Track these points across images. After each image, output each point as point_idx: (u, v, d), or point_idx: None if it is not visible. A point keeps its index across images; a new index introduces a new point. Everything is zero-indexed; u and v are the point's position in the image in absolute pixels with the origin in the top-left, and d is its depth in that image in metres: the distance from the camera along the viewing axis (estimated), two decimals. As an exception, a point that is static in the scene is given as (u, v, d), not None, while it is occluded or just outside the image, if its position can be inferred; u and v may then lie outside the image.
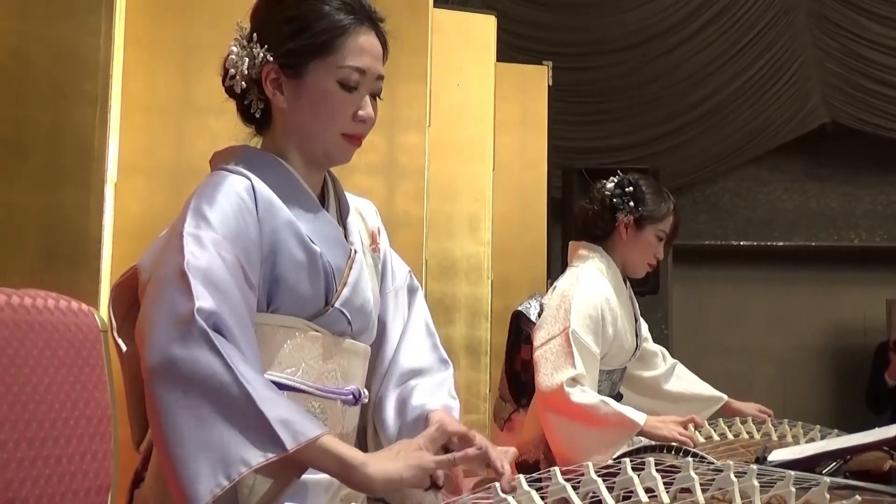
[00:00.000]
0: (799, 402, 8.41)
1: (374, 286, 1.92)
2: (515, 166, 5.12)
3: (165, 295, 1.56)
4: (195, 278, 1.55)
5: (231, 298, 1.58)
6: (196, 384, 1.49)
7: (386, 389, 1.94)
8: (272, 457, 1.46)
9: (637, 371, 3.42)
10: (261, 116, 1.82)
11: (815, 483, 1.72)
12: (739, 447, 2.79)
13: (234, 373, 1.49)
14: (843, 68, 8.05)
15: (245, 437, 1.47)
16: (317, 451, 1.51)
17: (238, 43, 1.79)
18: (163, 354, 1.51)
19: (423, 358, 1.98)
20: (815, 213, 8.52)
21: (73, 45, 2.47)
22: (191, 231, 1.62)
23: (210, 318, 1.53)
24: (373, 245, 1.96)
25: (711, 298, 8.73)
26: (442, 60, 3.73)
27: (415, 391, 1.91)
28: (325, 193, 1.89)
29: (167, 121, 2.87)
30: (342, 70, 1.76)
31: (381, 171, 3.35)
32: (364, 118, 1.80)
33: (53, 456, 1.71)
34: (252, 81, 1.78)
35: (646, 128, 7.98)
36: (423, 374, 1.95)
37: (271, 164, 1.79)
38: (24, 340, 1.71)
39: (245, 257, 1.65)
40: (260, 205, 1.71)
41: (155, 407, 1.50)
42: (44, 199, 2.46)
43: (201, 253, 1.59)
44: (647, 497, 1.60)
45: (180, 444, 1.46)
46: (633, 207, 3.19)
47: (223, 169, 1.76)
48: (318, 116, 1.78)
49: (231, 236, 1.64)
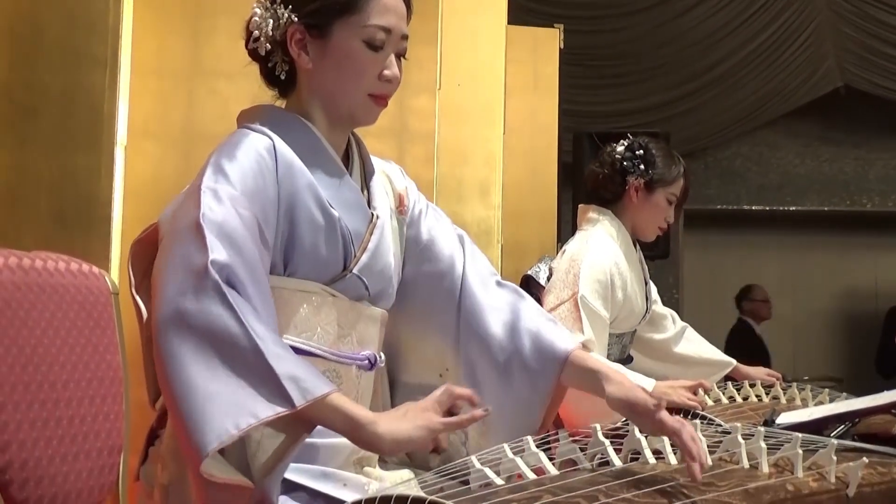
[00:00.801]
0: (810, 366, 8.43)
1: (396, 251, 1.91)
2: (526, 130, 5.10)
3: (180, 247, 1.57)
4: (210, 231, 1.55)
5: (246, 253, 1.57)
6: (207, 336, 1.49)
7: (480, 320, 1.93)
8: (281, 412, 1.46)
9: (647, 334, 3.42)
10: (285, 79, 1.81)
11: (822, 445, 1.73)
12: (748, 410, 2.79)
13: (245, 327, 1.49)
14: (858, 31, 7.98)
15: (255, 391, 1.46)
16: (326, 408, 1.51)
17: (261, 5, 1.78)
18: (174, 305, 1.51)
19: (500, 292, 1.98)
20: (827, 178, 8.49)
21: (83, 9, 2.47)
22: (209, 185, 1.62)
23: (223, 270, 1.53)
24: (400, 207, 1.95)
25: (723, 263, 8.73)
26: (453, 24, 3.71)
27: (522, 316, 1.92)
28: (350, 156, 1.88)
29: (177, 84, 2.86)
30: (367, 29, 1.75)
31: (391, 134, 3.34)
32: (390, 77, 1.78)
33: (66, 417, 1.74)
34: (276, 43, 1.77)
35: (658, 92, 7.95)
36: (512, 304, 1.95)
37: (295, 125, 1.79)
38: (36, 302, 1.72)
39: (262, 215, 1.65)
40: (280, 165, 1.71)
41: (164, 357, 1.50)
42: (55, 163, 2.46)
43: (218, 206, 1.59)
44: (654, 459, 1.61)
45: (189, 394, 1.46)
46: (644, 170, 3.18)
47: (247, 127, 1.76)
48: (344, 76, 1.77)
49: (249, 193, 1.64)
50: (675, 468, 1.57)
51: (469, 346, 1.92)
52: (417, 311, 1.97)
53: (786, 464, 1.68)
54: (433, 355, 1.96)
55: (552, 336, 1.90)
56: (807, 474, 1.67)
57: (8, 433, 1.60)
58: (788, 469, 1.67)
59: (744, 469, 1.63)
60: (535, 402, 1.88)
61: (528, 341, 1.90)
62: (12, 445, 1.61)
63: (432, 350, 1.96)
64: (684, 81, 7.97)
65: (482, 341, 1.92)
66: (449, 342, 1.94)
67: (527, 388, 1.88)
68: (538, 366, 1.88)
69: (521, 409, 1.86)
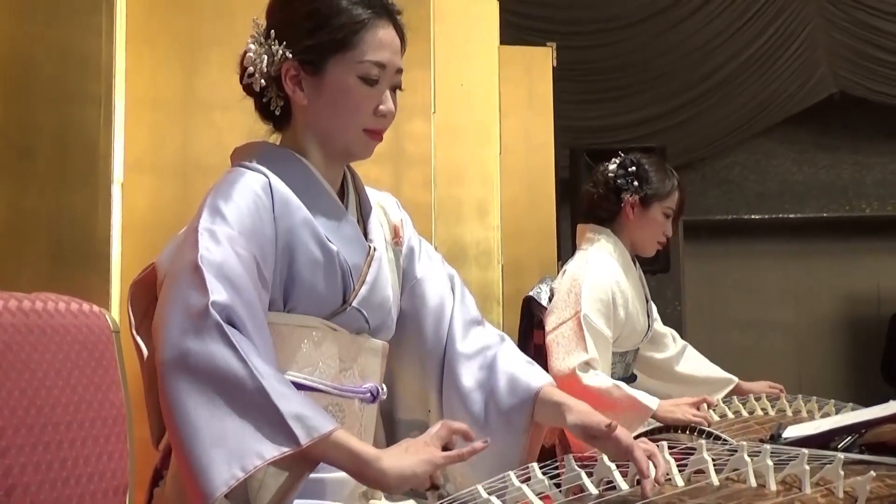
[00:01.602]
0: (814, 374, 8.41)
1: (393, 282, 1.91)
2: (522, 149, 5.11)
3: (180, 289, 1.57)
4: (209, 272, 1.55)
5: (245, 293, 1.58)
6: (210, 377, 1.49)
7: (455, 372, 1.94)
8: (286, 451, 1.46)
9: (648, 353, 3.42)
10: (280, 114, 1.81)
11: (829, 461, 1.73)
12: (754, 424, 2.79)
13: (248, 366, 1.49)
14: (850, 37, 7.99)
15: (259, 431, 1.46)
16: (330, 445, 1.51)
17: (255, 40, 1.78)
18: (177, 348, 1.51)
19: (481, 340, 1.99)
20: (825, 184, 8.49)
21: (76, 47, 2.47)
22: (206, 226, 1.62)
23: (224, 311, 1.53)
24: (395, 239, 1.96)
25: (724, 273, 8.71)
26: (445, 46, 3.72)
27: (498, 361, 1.93)
28: (345, 189, 1.89)
29: (172, 117, 2.87)
30: (362, 65, 1.76)
31: (387, 159, 3.35)
32: (385, 112, 1.80)
33: (70, 458, 1.73)
34: (271, 79, 1.78)
35: (653, 104, 7.95)
36: (492, 348, 1.97)
37: (290, 161, 1.79)
38: (37, 345, 1.72)
39: (260, 254, 1.65)
40: (277, 202, 1.71)
41: (169, 400, 1.50)
42: (52, 202, 2.46)
43: (216, 248, 1.59)
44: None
45: (194, 437, 1.46)
46: (638, 187, 3.20)
47: (242, 165, 1.76)
48: (340, 112, 1.78)
49: (246, 233, 1.65)
50: (683, 490, 1.57)
51: (450, 394, 1.93)
52: (405, 346, 1.97)
53: (793, 480, 1.67)
54: (420, 392, 1.97)
55: (526, 376, 1.92)
56: (815, 490, 1.66)
57: (12, 477, 1.59)
58: (796, 486, 1.66)
59: (751, 488, 1.62)
60: (513, 444, 1.88)
61: (503, 383, 1.91)
62: (17, 489, 1.59)
63: (418, 386, 1.97)
64: (679, 93, 7.98)
65: (459, 393, 1.92)
66: (433, 384, 1.96)
67: (503, 432, 1.88)
68: (512, 407, 1.89)
69: (501, 452, 1.85)
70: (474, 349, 1.95)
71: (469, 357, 1.94)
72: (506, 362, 1.94)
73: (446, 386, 1.93)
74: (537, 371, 1.95)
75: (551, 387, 1.91)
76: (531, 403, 1.88)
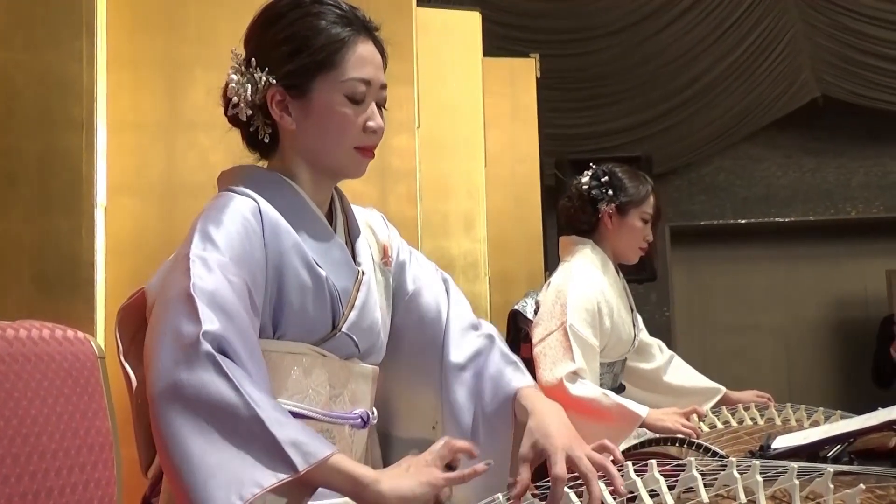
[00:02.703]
0: (803, 378, 8.44)
1: (382, 304, 1.90)
2: (507, 160, 5.12)
3: (171, 318, 1.55)
4: (201, 301, 1.54)
5: (237, 321, 1.56)
6: (204, 408, 1.48)
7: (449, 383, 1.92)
8: (284, 478, 1.45)
9: (635, 363, 3.43)
10: (269, 141, 1.80)
11: (819, 474, 1.73)
12: (744, 434, 2.79)
13: (242, 395, 1.48)
14: (832, 42, 8.03)
15: (256, 459, 1.45)
16: (328, 470, 1.51)
17: (236, 70, 1.77)
18: (169, 379, 1.49)
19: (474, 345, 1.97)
20: (811, 188, 8.51)
21: (57, 72, 2.47)
22: (197, 253, 1.61)
23: (216, 340, 1.51)
24: (384, 259, 1.95)
25: (712, 278, 8.73)
26: (428, 59, 3.72)
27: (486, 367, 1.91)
28: (333, 212, 1.88)
29: (156, 138, 2.86)
30: (347, 83, 1.75)
31: (372, 175, 3.31)
32: (374, 128, 1.79)
33: (56, 487, 1.72)
34: (256, 107, 1.77)
35: (638, 111, 7.97)
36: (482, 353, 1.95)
37: (279, 185, 1.78)
38: (21, 373, 1.71)
39: (251, 280, 1.64)
40: (266, 228, 1.70)
41: (163, 432, 1.48)
42: (36, 228, 2.45)
43: (208, 275, 1.58)
44: (651, 500, 1.60)
45: (191, 469, 1.45)
46: (613, 195, 3.22)
47: (230, 190, 1.75)
48: (329, 133, 1.77)
49: (237, 259, 1.63)
50: (672, 508, 1.56)
51: (445, 408, 1.92)
52: (405, 362, 1.96)
53: (783, 495, 1.67)
54: (424, 407, 1.95)
55: (508, 378, 1.90)
56: (805, 505, 1.66)
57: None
58: (786, 500, 1.66)
59: (741, 504, 1.62)
60: (499, 450, 1.85)
61: (489, 388, 1.89)
62: (3, 520, 1.59)
63: (423, 401, 1.95)
64: (663, 99, 8.00)
65: (452, 406, 1.90)
66: (436, 393, 1.93)
67: (489, 438, 1.86)
68: (495, 411, 1.88)
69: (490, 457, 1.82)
70: (467, 357, 1.93)
71: (462, 368, 1.92)
72: (492, 365, 1.92)
73: (444, 398, 1.92)
74: (519, 373, 1.93)
75: (530, 389, 1.89)
76: (511, 405, 1.87)
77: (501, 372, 1.91)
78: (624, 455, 2.77)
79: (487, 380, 1.90)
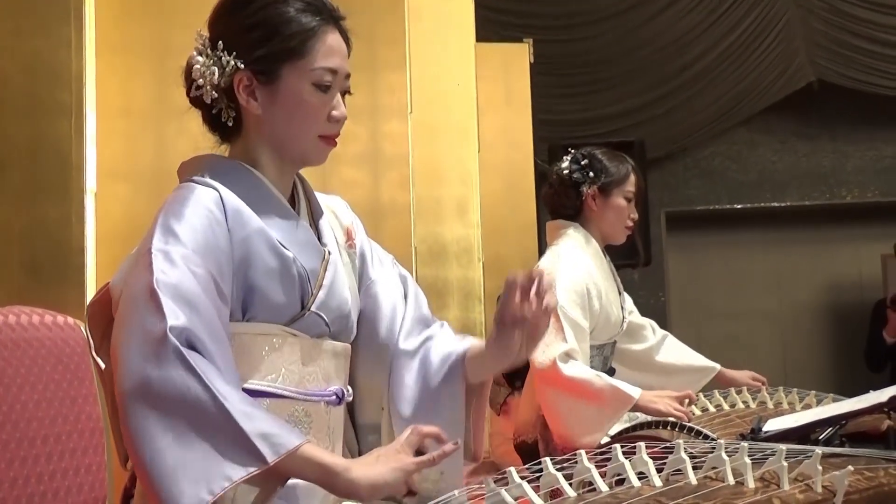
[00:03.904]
0: (799, 361, 8.45)
1: (351, 285, 1.91)
2: (501, 146, 5.12)
3: (136, 314, 1.55)
4: (165, 295, 1.53)
5: (203, 313, 1.57)
6: (172, 404, 1.48)
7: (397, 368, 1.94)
8: (253, 470, 1.46)
9: (626, 345, 3.43)
10: (232, 125, 1.80)
11: (807, 456, 1.73)
12: (735, 418, 2.80)
13: (210, 390, 1.48)
14: (827, 26, 8.02)
15: (225, 453, 1.46)
16: (298, 460, 1.52)
17: (201, 52, 1.77)
18: (137, 376, 1.50)
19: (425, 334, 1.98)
20: (806, 172, 8.51)
21: (45, 58, 2.46)
22: (159, 247, 1.60)
23: (182, 334, 1.52)
24: (349, 242, 1.95)
25: (707, 263, 8.73)
26: (421, 46, 3.71)
27: (432, 347, 1.93)
28: (296, 197, 1.88)
29: (146, 124, 2.86)
30: (315, 72, 1.76)
31: (365, 160, 3.35)
32: (339, 118, 1.80)
33: (47, 472, 1.73)
34: (221, 90, 1.76)
35: (632, 96, 7.96)
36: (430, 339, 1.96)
37: (240, 172, 1.78)
38: (11, 359, 1.71)
39: (217, 270, 1.64)
40: (229, 215, 1.70)
41: (132, 429, 1.49)
42: (25, 214, 2.45)
43: (171, 269, 1.57)
44: (639, 482, 1.61)
45: (161, 464, 1.45)
46: (594, 177, 3.23)
47: (191, 180, 1.75)
48: (295, 120, 1.77)
49: (201, 250, 1.63)
50: (660, 490, 1.56)
51: (394, 391, 1.93)
52: (360, 348, 1.96)
53: (772, 477, 1.67)
54: (374, 392, 1.96)
55: (456, 345, 1.93)
56: (793, 486, 1.66)
57: (-12, 494, 1.59)
58: (775, 482, 1.66)
59: (729, 486, 1.62)
60: (451, 418, 1.88)
61: (437, 362, 1.91)
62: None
63: (373, 387, 1.96)
64: (658, 84, 7.99)
65: (400, 389, 1.92)
66: (384, 383, 1.95)
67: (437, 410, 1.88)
68: (444, 379, 1.89)
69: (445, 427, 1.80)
70: (417, 344, 1.95)
71: (411, 355, 1.94)
72: (440, 344, 1.94)
73: (392, 383, 1.93)
74: (467, 339, 1.95)
75: (476, 343, 1.92)
76: (460, 368, 1.89)
77: (448, 343, 1.94)
78: (615, 438, 2.79)
79: (434, 356, 1.92)
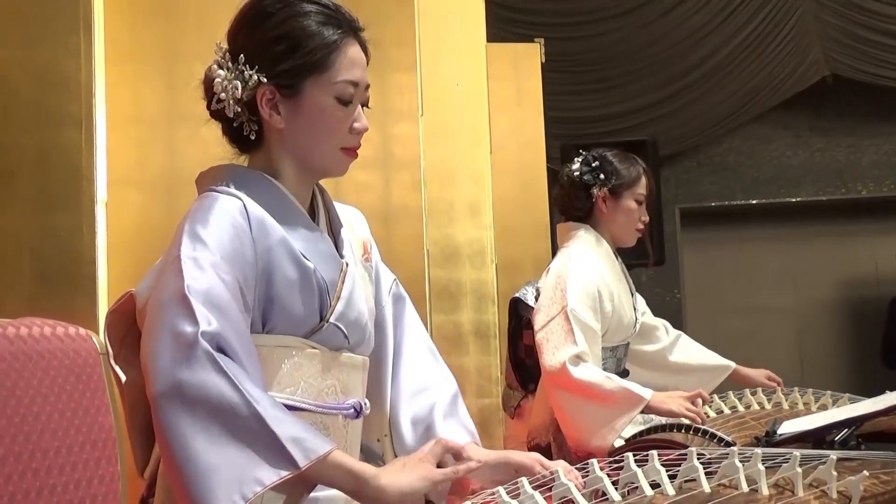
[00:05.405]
0: (815, 358, 8.41)
1: (368, 297, 1.91)
2: (513, 146, 5.11)
3: (167, 319, 1.56)
4: (197, 301, 1.55)
5: (232, 319, 1.58)
6: (205, 406, 1.49)
7: (396, 407, 1.95)
8: (286, 475, 1.47)
9: (640, 346, 3.43)
10: (254, 138, 1.80)
11: (822, 461, 1.72)
12: (750, 420, 2.79)
13: (242, 393, 1.50)
14: (841, 20, 7.98)
15: (258, 457, 1.47)
16: (328, 466, 1.53)
17: (223, 65, 1.77)
18: (169, 379, 1.51)
19: (427, 374, 2.00)
20: (821, 167, 8.48)
21: (54, 68, 2.47)
22: (188, 254, 1.61)
23: (214, 339, 1.53)
24: (365, 255, 1.96)
25: (722, 259, 8.71)
26: (432, 47, 3.71)
27: (435, 419, 1.93)
28: (315, 208, 1.89)
29: (156, 132, 2.86)
30: (338, 85, 1.77)
31: (376, 163, 3.34)
32: (360, 130, 1.81)
33: (60, 484, 1.72)
34: (244, 104, 1.77)
35: (646, 93, 7.94)
36: (430, 390, 1.97)
37: (261, 182, 1.79)
38: (23, 371, 1.71)
39: (242, 278, 1.66)
40: (253, 225, 1.71)
41: (165, 432, 1.50)
42: (36, 225, 2.46)
43: (201, 275, 1.59)
44: (652, 491, 1.60)
45: (193, 467, 1.46)
46: (605, 179, 3.23)
47: (213, 190, 1.75)
48: (318, 133, 1.78)
49: (228, 258, 1.64)
50: (674, 499, 1.56)
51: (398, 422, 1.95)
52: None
53: (786, 483, 1.66)
54: (374, 418, 1.96)
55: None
56: (808, 493, 1.65)
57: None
58: (789, 489, 1.65)
59: (743, 493, 1.61)
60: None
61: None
62: (6, 519, 1.59)
63: (374, 411, 1.95)
64: (671, 81, 7.97)
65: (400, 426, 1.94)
66: (384, 411, 1.96)
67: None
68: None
69: None
70: (419, 387, 1.97)
71: (412, 395, 1.96)
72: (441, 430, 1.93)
73: (391, 422, 1.95)
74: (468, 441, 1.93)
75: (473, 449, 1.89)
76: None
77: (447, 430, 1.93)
78: (629, 442, 2.78)
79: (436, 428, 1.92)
